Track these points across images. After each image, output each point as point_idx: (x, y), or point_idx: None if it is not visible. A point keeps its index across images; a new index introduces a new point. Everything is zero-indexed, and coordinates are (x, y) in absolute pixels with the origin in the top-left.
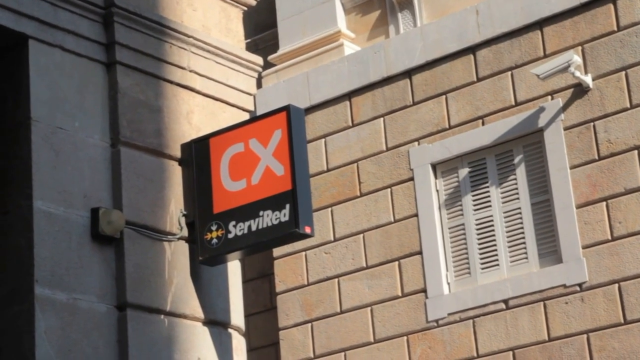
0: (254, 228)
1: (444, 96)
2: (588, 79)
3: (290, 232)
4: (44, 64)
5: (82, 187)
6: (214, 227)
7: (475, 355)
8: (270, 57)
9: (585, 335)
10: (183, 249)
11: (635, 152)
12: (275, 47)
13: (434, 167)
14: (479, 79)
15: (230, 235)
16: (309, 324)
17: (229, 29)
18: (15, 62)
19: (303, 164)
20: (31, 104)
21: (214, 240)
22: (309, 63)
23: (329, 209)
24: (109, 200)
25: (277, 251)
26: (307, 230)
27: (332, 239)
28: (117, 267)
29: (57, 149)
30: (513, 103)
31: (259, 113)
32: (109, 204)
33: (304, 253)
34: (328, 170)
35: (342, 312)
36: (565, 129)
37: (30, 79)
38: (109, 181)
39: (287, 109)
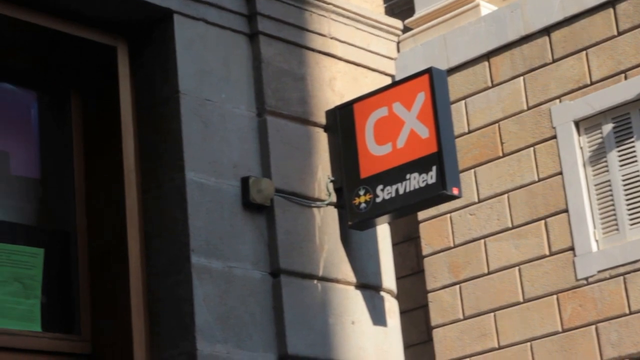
0: (401, 191)
1: (584, 52)
2: None
3: (438, 194)
4: (189, 38)
5: (231, 157)
6: (361, 192)
7: (627, 312)
8: (406, 21)
9: None
10: (332, 214)
11: None
12: (410, 11)
13: (577, 124)
14: (619, 33)
15: (378, 200)
16: (457, 286)
17: None
18: (162, 38)
19: (448, 126)
20: (179, 77)
21: (363, 205)
22: (445, 25)
23: (472, 171)
24: (258, 169)
25: (422, 214)
26: (455, 191)
27: (476, 200)
28: (269, 234)
29: (206, 121)
30: None
31: (397, 78)
32: (258, 172)
33: (449, 215)
34: (469, 131)
35: (489, 273)
36: None
37: (177, 53)
38: (257, 150)
39: (429, 71)
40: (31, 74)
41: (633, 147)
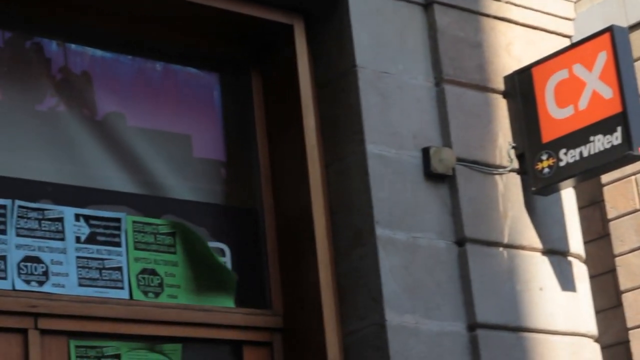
0: (585, 154)
1: None
2: None
3: (624, 155)
4: (364, 11)
5: (410, 128)
6: (544, 157)
7: None
8: None
9: None
10: (515, 181)
11: None
12: None
13: None
14: None
15: (561, 164)
16: None
17: None
18: (336, 12)
19: (631, 84)
20: (355, 51)
21: (546, 170)
22: None
23: None
24: (438, 139)
25: (605, 177)
26: None
27: None
28: (452, 203)
29: (384, 93)
30: None
31: (575, 39)
32: (439, 142)
33: (633, 177)
34: None
35: None
36: None
37: (352, 27)
38: (436, 120)
39: (610, 29)
40: (213, 56)
41: None
